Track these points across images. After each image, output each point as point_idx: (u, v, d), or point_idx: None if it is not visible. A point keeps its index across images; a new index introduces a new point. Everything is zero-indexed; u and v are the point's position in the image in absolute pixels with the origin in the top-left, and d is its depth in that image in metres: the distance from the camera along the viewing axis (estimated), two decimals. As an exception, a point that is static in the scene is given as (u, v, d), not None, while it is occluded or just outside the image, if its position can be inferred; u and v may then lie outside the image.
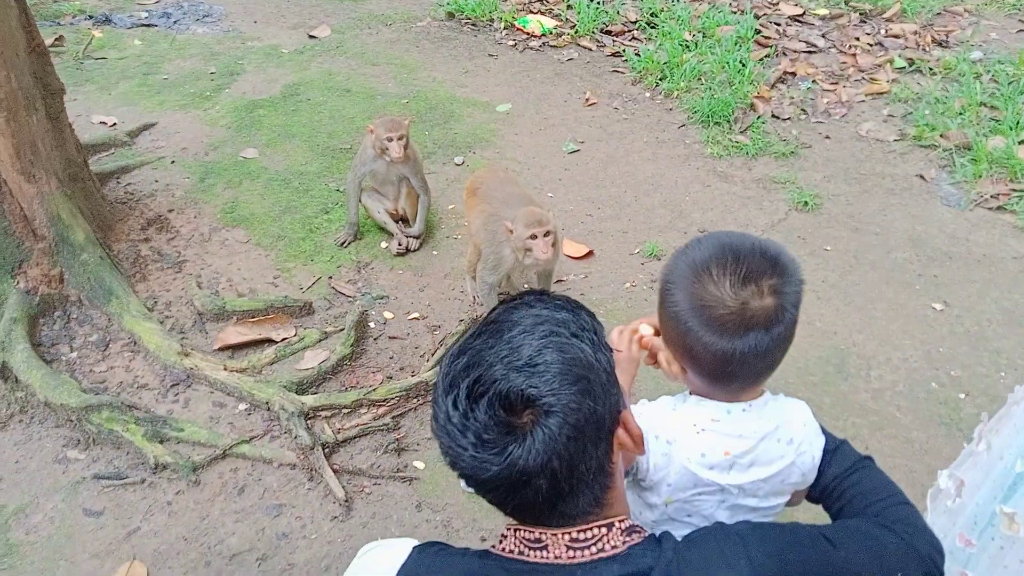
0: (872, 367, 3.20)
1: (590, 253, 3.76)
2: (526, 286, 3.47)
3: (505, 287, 3.32)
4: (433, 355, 3.10)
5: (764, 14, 5.92)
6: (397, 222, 3.77)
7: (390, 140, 3.39)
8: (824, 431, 1.47)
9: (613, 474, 1.11)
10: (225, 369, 2.90)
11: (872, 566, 1.18)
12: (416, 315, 3.35)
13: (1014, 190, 4.18)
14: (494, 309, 1.13)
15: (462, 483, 1.10)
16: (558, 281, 3.60)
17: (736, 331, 1.25)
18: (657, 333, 1.47)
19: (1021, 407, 2.00)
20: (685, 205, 4.11)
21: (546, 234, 2.84)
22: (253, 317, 3.16)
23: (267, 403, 2.81)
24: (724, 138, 4.62)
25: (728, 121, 4.74)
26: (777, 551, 1.11)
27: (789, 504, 1.52)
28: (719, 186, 4.27)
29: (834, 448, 1.45)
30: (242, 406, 2.86)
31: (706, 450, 1.37)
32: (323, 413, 2.82)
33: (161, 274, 3.37)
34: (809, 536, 1.19)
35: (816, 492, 1.46)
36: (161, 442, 2.72)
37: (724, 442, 1.37)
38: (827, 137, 4.71)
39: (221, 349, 3.06)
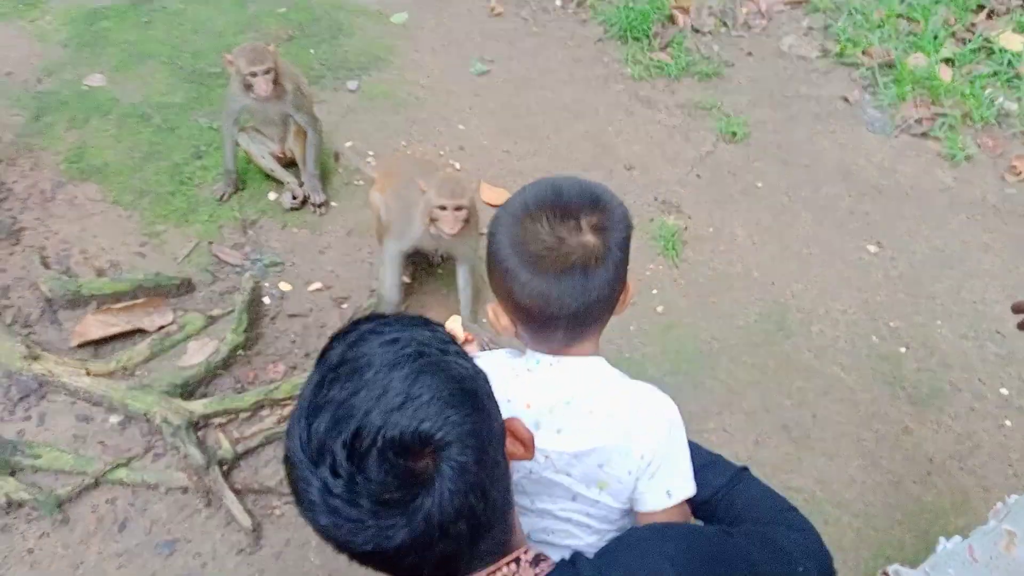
0: (812, 321, 3.04)
1: (510, 198, 3.36)
2: (439, 261, 3.08)
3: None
4: (342, 336, 2.68)
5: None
6: (286, 167, 3.23)
7: (253, 75, 2.82)
8: (696, 445, 1.38)
9: (511, 491, 1.03)
10: (88, 373, 2.39)
11: (776, 560, 1.17)
12: (318, 285, 2.89)
13: (937, 114, 4.05)
14: (331, 346, 0.95)
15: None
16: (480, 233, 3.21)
17: (553, 268, 1.19)
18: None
19: None
20: (608, 137, 3.75)
21: (457, 208, 2.49)
22: (118, 302, 2.62)
23: (145, 414, 2.34)
24: (644, 56, 4.22)
25: (647, 36, 4.34)
26: (688, 547, 1.08)
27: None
28: (643, 113, 3.92)
29: (711, 462, 1.39)
30: (113, 418, 2.38)
31: (512, 396, 1.26)
32: (216, 421, 2.39)
33: (-7, 249, 2.74)
34: (713, 531, 1.23)
35: (700, 507, 1.37)
36: (12, 474, 2.22)
37: (528, 393, 1.28)
38: (749, 54, 4.40)
39: (81, 346, 2.53)
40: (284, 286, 2.86)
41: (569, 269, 1.19)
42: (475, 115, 3.79)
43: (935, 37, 4.41)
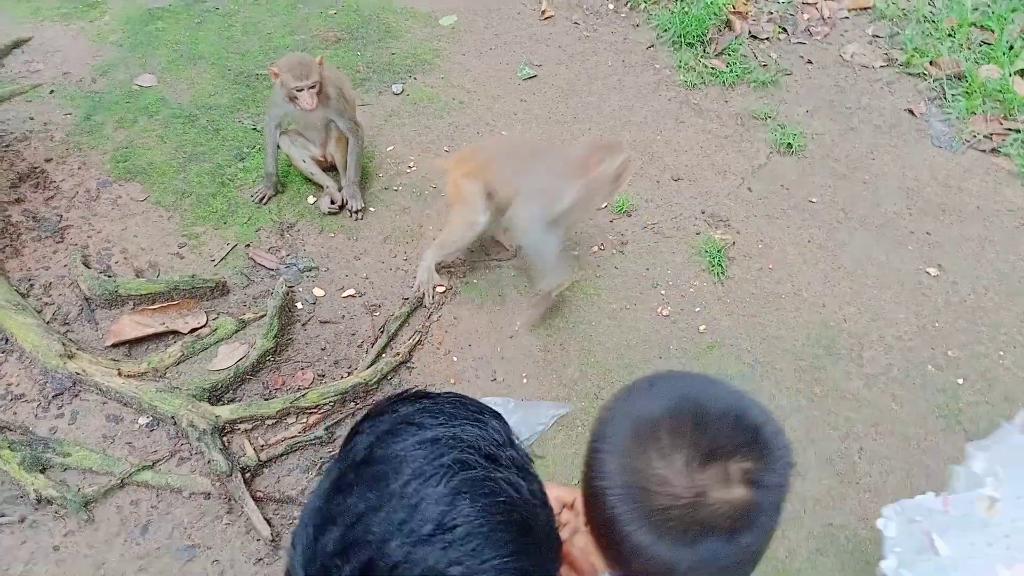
0: (865, 347, 2.89)
1: (551, 208, 3.29)
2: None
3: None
4: (373, 346, 2.65)
5: (740, -91, 5.25)
6: (327, 171, 3.21)
7: (299, 90, 2.80)
8: None
9: None
10: (120, 374, 2.40)
11: None
12: (351, 292, 2.87)
13: (1009, 129, 3.82)
14: (359, 430, 0.78)
15: None
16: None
17: (684, 534, 0.89)
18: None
19: None
20: (657, 146, 3.64)
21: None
22: (154, 303, 2.64)
23: (173, 417, 2.34)
24: (698, 63, 4.09)
25: (702, 42, 4.21)
26: None
27: None
28: (694, 122, 3.79)
29: None
30: (142, 420, 2.39)
31: None
32: (242, 427, 2.37)
33: (38, 246, 2.78)
34: None
35: None
36: (43, 470, 2.24)
37: None
38: (809, 62, 4.23)
39: (115, 345, 2.55)
40: (317, 291, 2.84)
41: (707, 533, 0.89)
42: (519, 120, 3.72)
43: (1011, 47, 4.17)
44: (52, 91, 3.50)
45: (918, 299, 3.06)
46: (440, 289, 2.89)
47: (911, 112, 3.94)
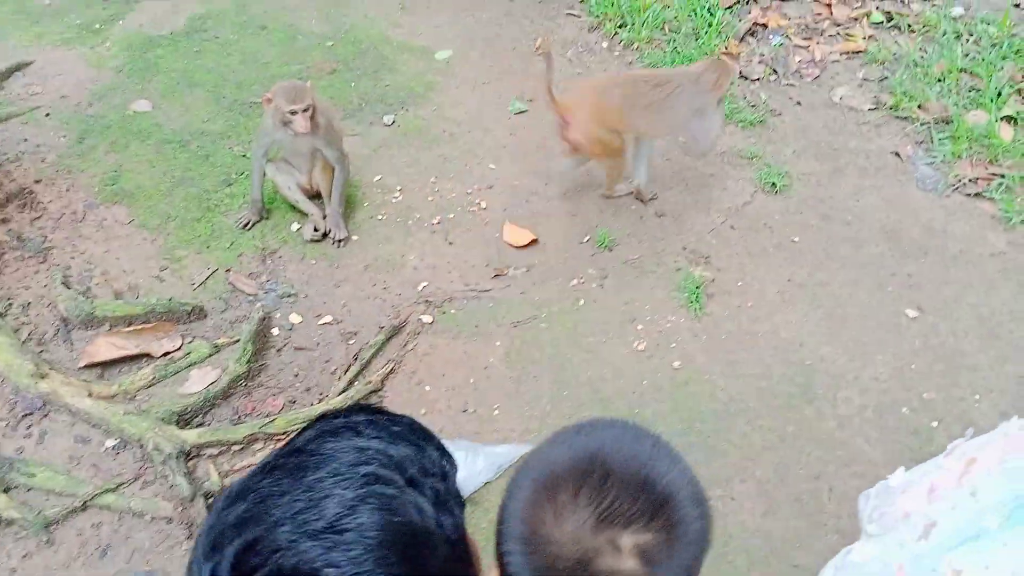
0: (840, 387, 2.88)
1: (534, 241, 3.32)
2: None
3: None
4: (346, 373, 2.67)
5: (736, -47, 5.35)
6: (312, 199, 3.25)
7: (293, 113, 2.85)
8: None
9: None
10: (90, 395, 2.42)
11: None
12: (329, 319, 2.89)
13: (994, 174, 3.84)
14: (304, 431, 0.81)
15: None
16: (496, 274, 3.16)
17: None
18: None
19: (1014, 442, 1.72)
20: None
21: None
22: (130, 325, 2.66)
23: (139, 440, 2.35)
24: (687, 101, 4.13)
25: (692, 81, 4.25)
26: None
27: None
28: (680, 160, 3.83)
29: None
30: (110, 442, 2.40)
31: None
32: (209, 451, 2.38)
33: (20, 265, 2.82)
34: None
35: None
36: (6, 490, 2.26)
37: None
38: (798, 103, 4.27)
39: (89, 366, 2.57)
40: (295, 318, 2.86)
41: None
42: (508, 154, 3.76)
43: (999, 94, 4.21)
44: (48, 114, 3.57)
45: (896, 341, 3.05)
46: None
47: (897, 155, 3.96)
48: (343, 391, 2.57)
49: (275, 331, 2.81)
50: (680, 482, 0.90)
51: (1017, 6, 4.96)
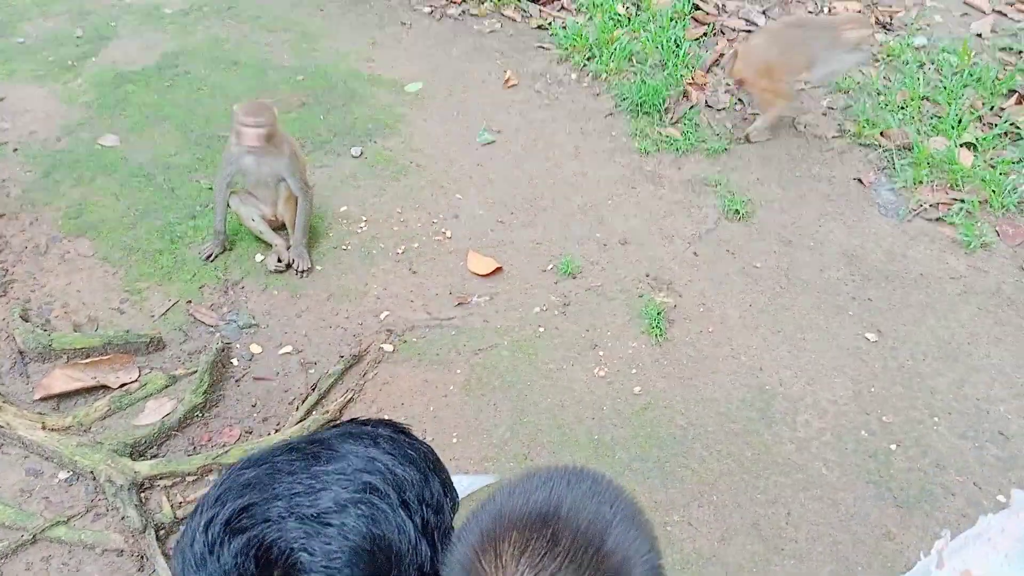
0: (799, 411, 2.89)
1: (498, 269, 3.34)
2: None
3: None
4: (303, 402, 2.67)
5: (703, -14, 5.47)
6: (277, 230, 3.28)
7: (245, 125, 2.89)
8: None
9: None
10: (43, 427, 2.42)
11: None
12: (289, 349, 2.89)
13: (955, 199, 3.90)
14: (332, 426, 0.91)
15: None
16: (459, 303, 3.18)
17: None
18: None
19: (1006, 534, 1.67)
20: (607, 210, 3.71)
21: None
22: (87, 357, 2.66)
23: (92, 472, 2.34)
24: (653, 131, 4.20)
25: (659, 111, 4.33)
26: None
27: None
28: (645, 187, 3.88)
29: None
30: (62, 475, 2.39)
31: None
32: (162, 483, 2.37)
33: (-21, 299, 2.83)
34: None
35: None
36: (-45, 525, 2.23)
37: None
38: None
39: (44, 399, 2.56)
40: (255, 348, 2.87)
41: None
42: (474, 184, 3.80)
43: (959, 121, 4.29)
44: (16, 149, 3.60)
45: (856, 364, 3.08)
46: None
47: (860, 181, 4.03)
48: (299, 421, 2.57)
49: (235, 361, 2.81)
50: (635, 559, 0.82)
51: (978, 36, 5.09)
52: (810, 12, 5.26)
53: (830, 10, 5.34)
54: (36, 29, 4.55)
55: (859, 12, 5.09)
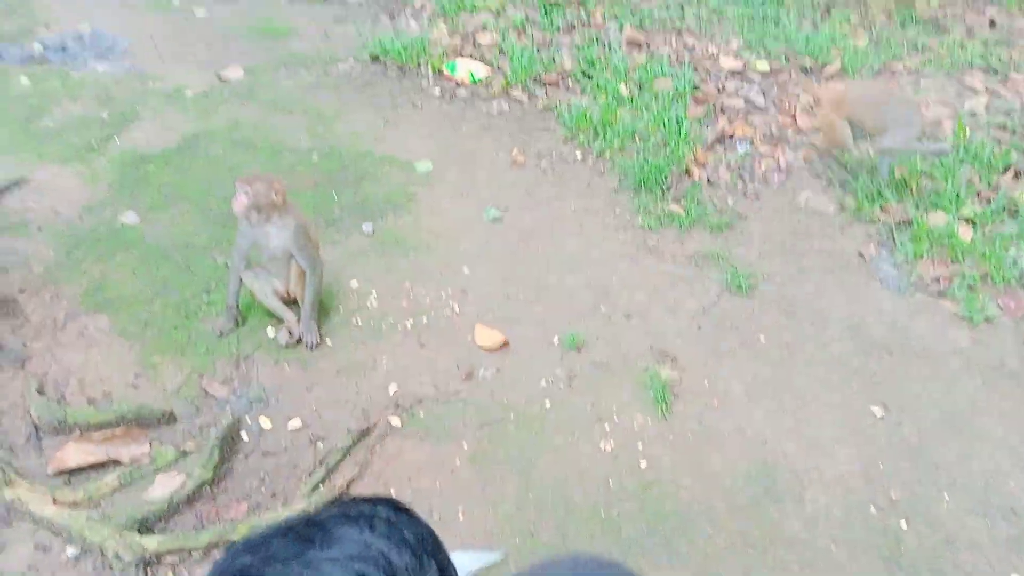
0: (806, 486, 2.89)
1: (505, 343, 3.40)
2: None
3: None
4: (310, 476, 2.69)
5: (704, 68, 5.68)
6: (289, 305, 3.36)
7: (240, 190, 3.01)
8: None
9: None
10: (54, 502, 2.45)
11: None
12: (298, 423, 2.93)
13: (956, 273, 3.96)
14: (330, 506, 0.87)
15: None
16: (467, 376, 3.23)
17: None
18: None
19: None
20: (611, 285, 3.79)
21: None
22: (100, 431, 2.71)
23: (100, 547, 2.36)
24: (657, 207, 4.31)
25: (662, 188, 4.45)
26: None
27: None
28: (648, 262, 3.96)
29: None
30: (71, 550, 2.40)
31: None
32: (169, 559, 2.38)
33: (-2, 374, 2.90)
34: None
35: None
36: (-38, 602, 2.25)
37: None
38: (764, 207, 4.44)
39: (58, 473, 2.60)
40: (264, 422, 2.91)
41: None
42: (482, 261, 3.89)
43: (957, 196, 4.39)
44: (40, 228, 3.72)
45: (861, 439, 3.08)
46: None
47: (861, 255, 4.10)
48: (308, 495, 2.59)
49: (244, 436, 2.85)
50: None
51: (973, 115, 5.24)
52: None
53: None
54: (64, 113, 4.75)
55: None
